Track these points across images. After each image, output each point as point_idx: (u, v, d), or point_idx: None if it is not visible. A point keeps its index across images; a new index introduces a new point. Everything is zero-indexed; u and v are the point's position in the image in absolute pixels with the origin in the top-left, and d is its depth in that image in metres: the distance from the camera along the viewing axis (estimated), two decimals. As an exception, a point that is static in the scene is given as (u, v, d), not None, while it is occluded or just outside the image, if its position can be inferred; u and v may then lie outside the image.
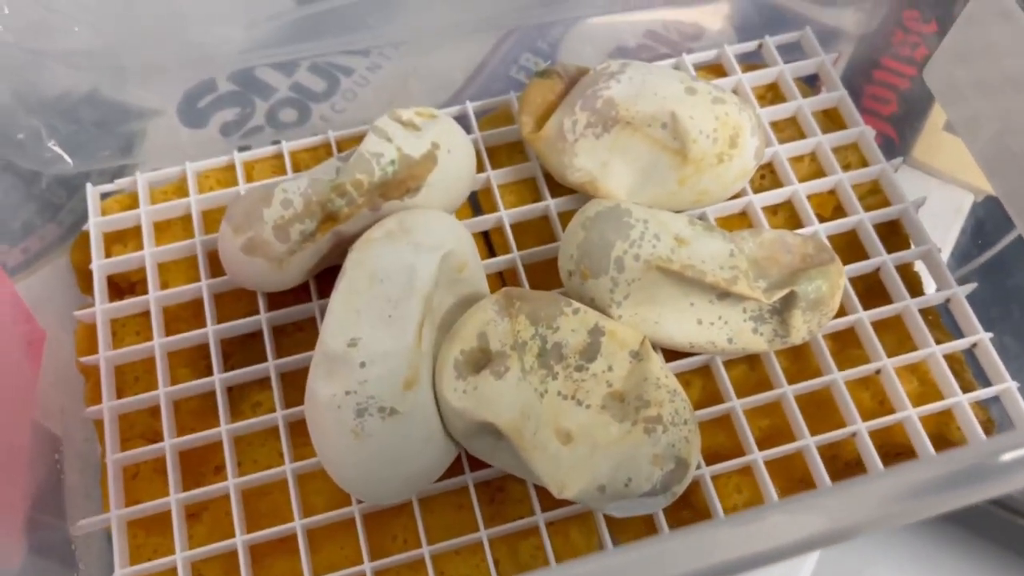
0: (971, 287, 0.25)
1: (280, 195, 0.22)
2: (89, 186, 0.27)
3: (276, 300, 0.25)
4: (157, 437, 0.24)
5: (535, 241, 0.26)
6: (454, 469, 0.23)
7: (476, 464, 0.23)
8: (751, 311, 0.23)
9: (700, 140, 0.24)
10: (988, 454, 0.15)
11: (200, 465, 0.23)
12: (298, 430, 0.23)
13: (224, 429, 0.23)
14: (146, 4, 0.26)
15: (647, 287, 0.22)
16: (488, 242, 0.27)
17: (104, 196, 0.27)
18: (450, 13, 0.32)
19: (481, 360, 0.21)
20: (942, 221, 0.29)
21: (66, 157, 0.27)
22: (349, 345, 0.20)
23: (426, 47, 0.32)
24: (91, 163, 0.28)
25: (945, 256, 0.28)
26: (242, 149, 0.30)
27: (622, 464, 0.20)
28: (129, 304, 0.25)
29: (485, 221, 0.26)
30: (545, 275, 0.26)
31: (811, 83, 0.30)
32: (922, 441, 0.23)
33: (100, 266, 0.25)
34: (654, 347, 0.24)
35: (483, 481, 0.23)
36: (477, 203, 0.27)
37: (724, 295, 0.23)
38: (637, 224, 0.22)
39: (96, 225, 0.26)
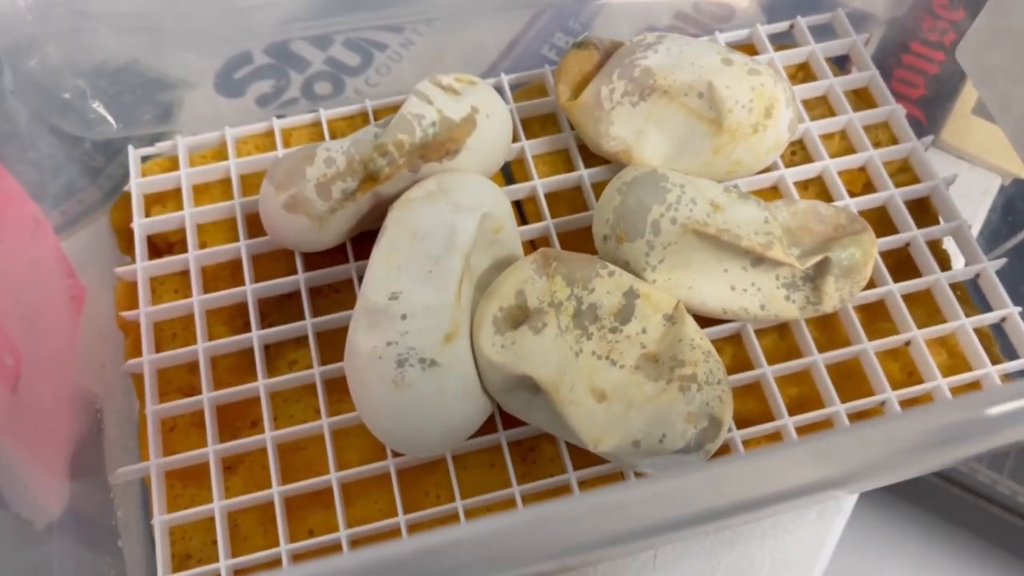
0: (1001, 262, 0.26)
1: (323, 153, 0.23)
2: (131, 148, 0.27)
3: (313, 261, 0.25)
4: (195, 392, 0.24)
5: (568, 211, 0.27)
6: (487, 428, 0.23)
7: (509, 423, 0.23)
8: (784, 278, 0.23)
9: (736, 110, 0.24)
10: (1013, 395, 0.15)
11: (236, 420, 0.24)
12: (333, 387, 0.24)
13: (261, 384, 0.23)
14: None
15: (682, 251, 0.23)
16: (521, 211, 0.27)
17: (144, 159, 0.28)
18: (484, -10, 0.32)
19: (519, 316, 0.22)
20: (970, 202, 0.29)
21: (110, 119, 0.27)
22: (391, 298, 0.21)
23: (459, 24, 0.32)
24: (131, 129, 0.29)
25: (974, 236, 0.28)
26: (279, 118, 0.30)
27: (657, 420, 0.21)
28: (168, 262, 0.25)
29: (519, 190, 0.27)
30: (577, 244, 0.26)
31: (841, 64, 0.31)
32: (951, 412, 0.23)
33: (141, 225, 0.26)
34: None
35: (516, 440, 0.23)
36: (510, 173, 0.28)
37: (757, 262, 0.23)
38: (674, 188, 0.23)
39: (137, 186, 0.26)
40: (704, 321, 0.24)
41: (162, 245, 0.26)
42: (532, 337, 0.21)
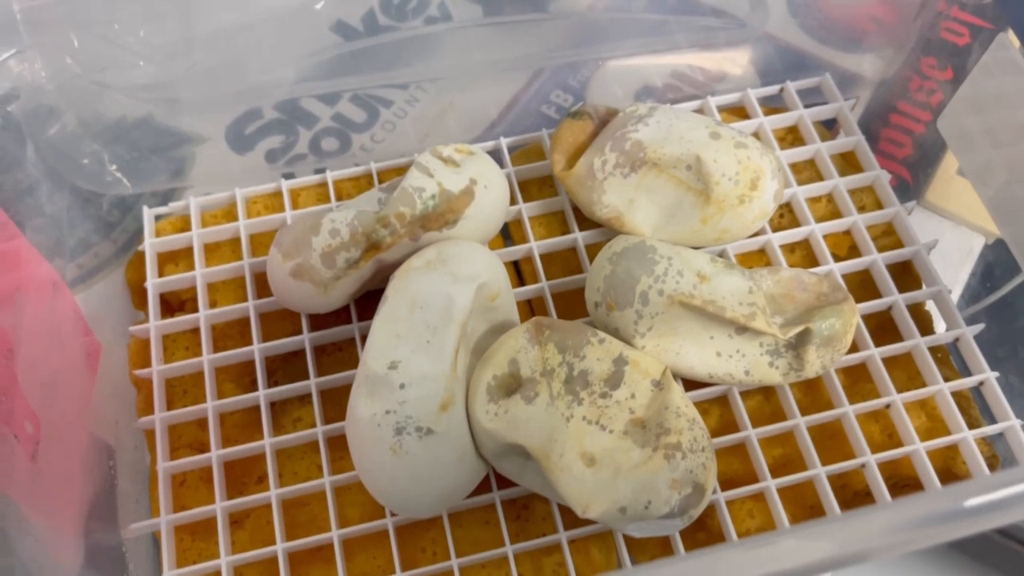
0: (979, 327, 0.27)
1: (328, 224, 0.24)
2: (146, 209, 0.28)
3: (318, 321, 0.27)
4: (204, 447, 0.25)
5: (562, 271, 0.28)
6: (482, 486, 0.24)
7: (503, 482, 0.24)
8: (767, 345, 0.24)
9: (723, 182, 0.25)
10: (990, 487, 0.16)
11: (243, 475, 0.25)
12: (335, 444, 0.25)
13: (267, 443, 0.25)
14: (204, 45, 0.27)
15: (670, 320, 0.24)
16: (518, 271, 0.28)
17: (157, 217, 0.29)
18: (485, 53, 0.33)
19: (512, 385, 0.23)
20: (953, 262, 0.30)
21: (125, 181, 0.28)
22: (390, 367, 0.22)
23: (462, 83, 0.34)
24: (145, 185, 0.30)
25: (955, 296, 0.29)
26: (287, 176, 0.31)
27: (642, 487, 0.22)
28: (180, 321, 0.26)
29: (516, 252, 0.28)
30: (572, 304, 0.27)
31: (830, 125, 0.32)
32: (928, 474, 0.24)
33: (154, 285, 0.27)
34: (675, 377, 0.25)
35: (509, 499, 0.24)
36: (508, 233, 0.29)
37: (742, 329, 0.24)
38: (662, 260, 0.24)
39: (151, 246, 0.28)
40: (692, 383, 0.25)
41: (174, 302, 0.28)
42: (524, 406, 0.22)
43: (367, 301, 0.27)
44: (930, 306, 0.28)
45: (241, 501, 0.24)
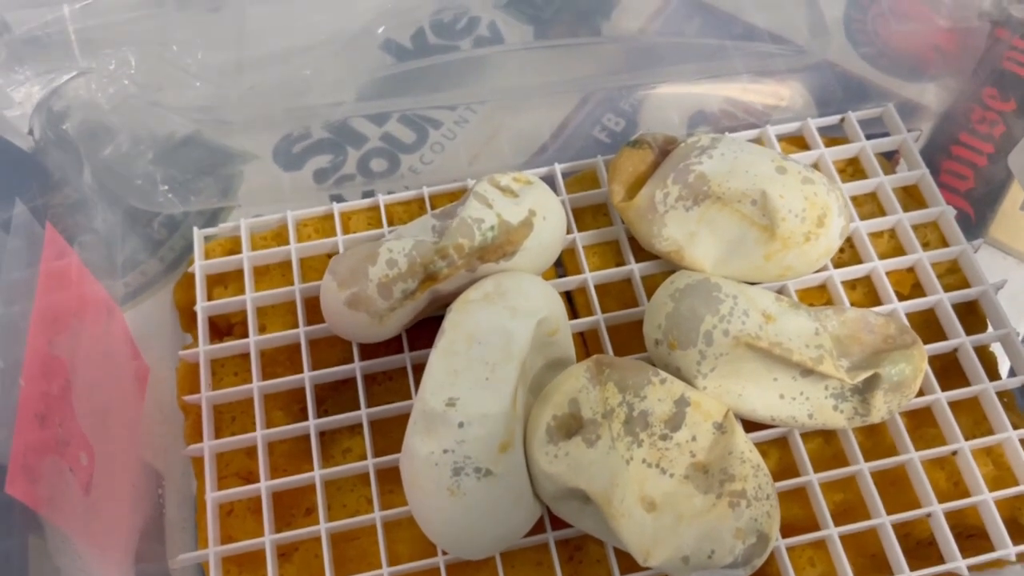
0: (1049, 373, 0.26)
1: (385, 254, 0.24)
2: (196, 230, 0.28)
3: (369, 350, 0.26)
4: (252, 476, 0.25)
5: (616, 303, 0.27)
6: (536, 526, 0.23)
7: (557, 522, 0.24)
8: (832, 388, 0.24)
9: (789, 219, 0.24)
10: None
11: (292, 507, 0.25)
12: (386, 477, 0.24)
13: (317, 474, 0.24)
14: (258, 68, 0.27)
15: (734, 361, 0.23)
16: (571, 301, 0.28)
17: (207, 239, 0.28)
18: (536, 75, 0.33)
19: (572, 425, 0.22)
20: (1018, 303, 0.29)
21: (175, 200, 0.28)
22: (447, 404, 0.21)
23: (512, 104, 0.33)
24: (193, 204, 0.30)
25: (1021, 335, 0.28)
26: (335, 197, 0.31)
27: (706, 536, 0.21)
28: (230, 347, 0.26)
29: (570, 282, 0.27)
30: (626, 337, 0.27)
31: (890, 155, 0.31)
32: (996, 525, 0.24)
33: (203, 308, 0.27)
34: (736, 418, 0.24)
35: (563, 539, 0.24)
36: (562, 261, 0.28)
37: (807, 372, 0.23)
38: (727, 299, 0.23)
39: (201, 268, 0.27)
40: (751, 424, 0.25)
41: (223, 325, 0.27)
42: (585, 450, 0.21)
43: (419, 330, 0.26)
44: (996, 347, 0.27)
45: (290, 535, 0.23)
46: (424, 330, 0.26)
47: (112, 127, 0.26)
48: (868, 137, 0.30)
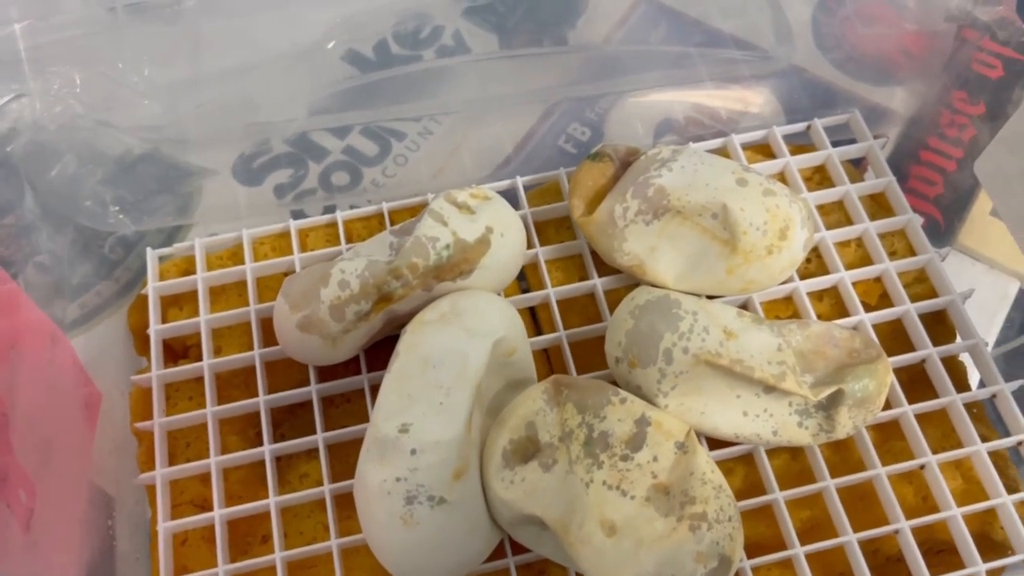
0: (1018, 383, 0.25)
1: (337, 275, 0.23)
2: (149, 250, 0.27)
3: (326, 371, 0.26)
4: (207, 504, 0.24)
5: (580, 318, 0.27)
6: (496, 551, 0.23)
7: (518, 547, 0.23)
8: (796, 405, 0.23)
9: (750, 232, 0.24)
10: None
11: (248, 534, 0.24)
12: (343, 503, 0.24)
13: (272, 501, 0.24)
14: (211, 85, 0.27)
15: (695, 379, 0.23)
16: (534, 317, 0.27)
17: (161, 259, 0.28)
18: (500, 85, 0.32)
19: (529, 449, 0.21)
20: (986, 310, 0.29)
21: (127, 221, 0.27)
22: (400, 431, 0.21)
23: (476, 115, 0.33)
24: (149, 223, 0.29)
25: (991, 343, 0.28)
26: (296, 213, 0.30)
27: (666, 561, 0.20)
28: (184, 371, 0.25)
29: (532, 298, 0.27)
30: (590, 353, 0.26)
31: (857, 163, 0.31)
32: (965, 540, 0.23)
33: (157, 331, 0.26)
34: (699, 437, 0.24)
35: (524, 563, 0.23)
36: (524, 276, 0.28)
37: (771, 389, 0.23)
38: (687, 316, 0.23)
39: (155, 289, 0.27)
40: (716, 442, 0.24)
41: (178, 348, 0.27)
42: (542, 475, 0.21)
43: (377, 350, 0.26)
44: (964, 357, 0.27)
45: (245, 564, 0.23)
46: (383, 350, 0.26)
47: (58, 148, 0.25)
48: (835, 144, 0.30)
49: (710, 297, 0.26)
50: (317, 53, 0.31)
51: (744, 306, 0.26)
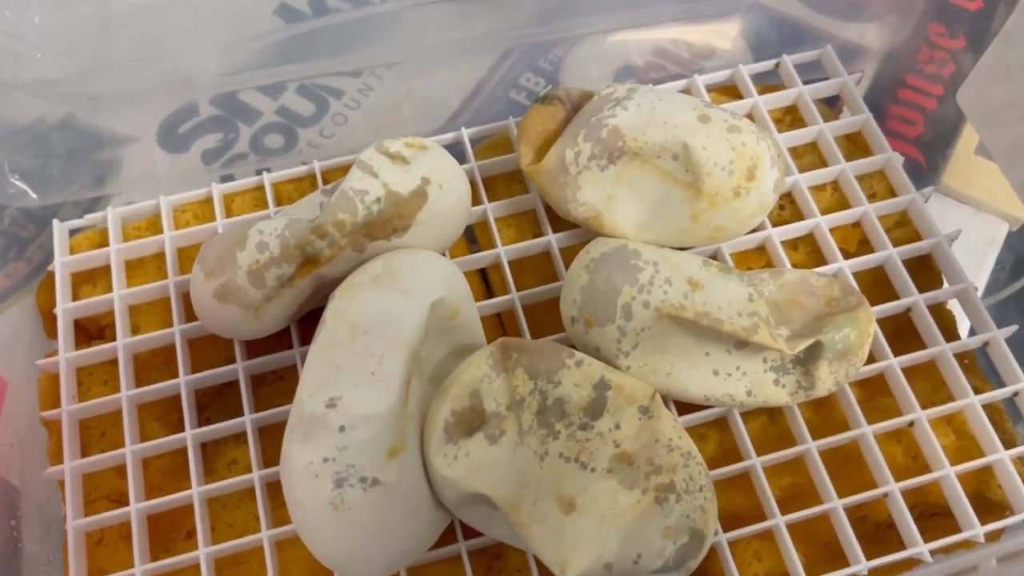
0: (1011, 329, 0.23)
1: (255, 237, 0.21)
2: (55, 222, 0.25)
3: (255, 346, 0.23)
4: (124, 498, 0.22)
5: (536, 279, 0.24)
6: (446, 535, 0.21)
7: (471, 530, 0.21)
8: (772, 361, 0.21)
9: (715, 173, 0.22)
10: None
11: (171, 530, 0.22)
12: (276, 491, 0.21)
13: (195, 492, 0.21)
14: (120, 28, 0.24)
15: (658, 336, 0.20)
16: (485, 280, 0.25)
17: (73, 232, 0.25)
18: (446, 31, 0.30)
19: (474, 421, 0.19)
20: (975, 254, 0.27)
21: (30, 192, 0.25)
22: (328, 406, 0.18)
23: (421, 68, 0.30)
24: (62, 195, 0.27)
25: (980, 288, 0.26)
26: (224, 179, 0.28)
27: (631, 538, 0.18)
28: (96, 352, 0.23)
29: (482, 258, 0.24)
30: (548, 316, 0.24)
31: (831, 104, 0.28)
32: (960, 502, 0.21)
33: (66, 310, 0.24)
34: (665, 401, 0.22)
35: (478, 548, 0.21)
36: (474, 237, 0.26)
37: (743, 344, 0.21)
38: (646, 267, 0.20)
39: (63, 265, 0.24)
40: (685, 406, 0.22)
41: (92, 328, 0.24)
42: (488, 447, 0.19)
43: (311, 321, 0.23)
44: (952, 304, 0.25)
45: (168, 563, 0.21)
46: (317, 321, 0.23)
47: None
48: (806, 83, 0.27)
49: (676, 249, 0.23)
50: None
51: (713, 257, 0.24)
